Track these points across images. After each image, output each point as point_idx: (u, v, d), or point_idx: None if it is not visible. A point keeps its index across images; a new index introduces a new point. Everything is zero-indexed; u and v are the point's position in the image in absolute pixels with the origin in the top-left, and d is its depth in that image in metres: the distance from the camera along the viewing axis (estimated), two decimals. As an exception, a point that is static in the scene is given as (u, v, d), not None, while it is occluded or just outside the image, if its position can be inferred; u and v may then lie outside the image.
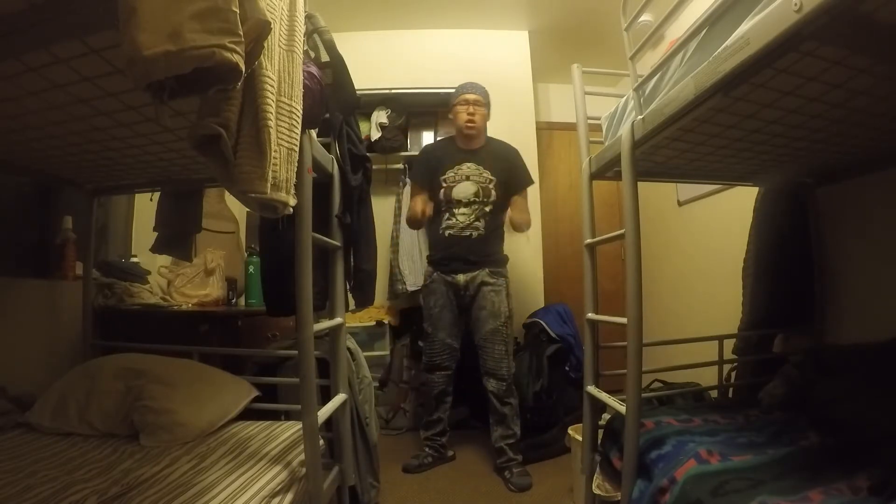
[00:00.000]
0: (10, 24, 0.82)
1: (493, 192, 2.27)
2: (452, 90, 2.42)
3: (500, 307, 2.20)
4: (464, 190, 2.25)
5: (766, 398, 1.50)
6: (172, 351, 1.65)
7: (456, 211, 2.24)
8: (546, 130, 3.51)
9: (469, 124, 2.27)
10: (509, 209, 2.32)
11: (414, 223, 2.35)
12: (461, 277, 2.23)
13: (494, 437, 2.19)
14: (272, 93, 0.89)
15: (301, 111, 1.01)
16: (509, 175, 2.30)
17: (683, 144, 1.36)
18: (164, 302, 2.20)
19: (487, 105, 2.34)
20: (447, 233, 2.25)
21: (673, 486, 1.07)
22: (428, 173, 2.31)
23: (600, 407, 1.54)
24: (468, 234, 2.23)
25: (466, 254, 2.23)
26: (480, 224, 2.24)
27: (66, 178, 1.72)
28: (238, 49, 0.69)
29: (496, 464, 2.19)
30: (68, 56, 0.90)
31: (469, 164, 2.28)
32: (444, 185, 2.26)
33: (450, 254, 2.25)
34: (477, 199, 2.24)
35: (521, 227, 2.34)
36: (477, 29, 3.17)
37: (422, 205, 2.23)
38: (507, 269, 2.32)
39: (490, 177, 2.27)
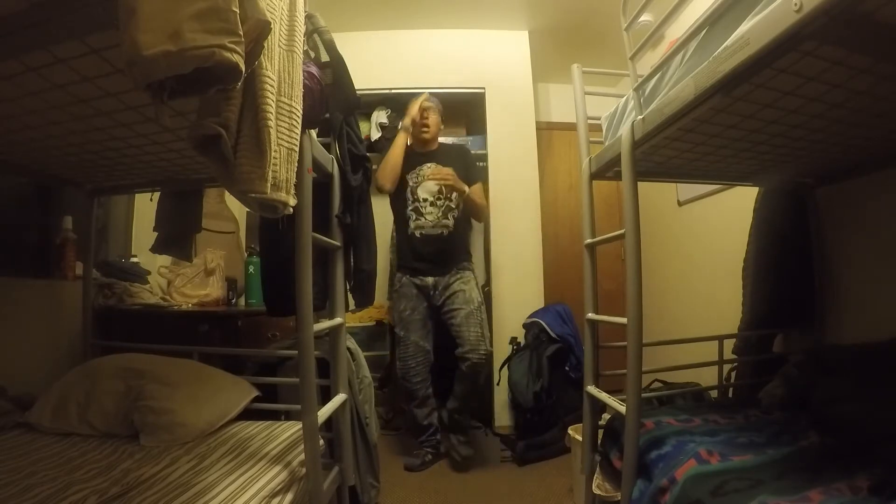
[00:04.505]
0: (10, 24, 0.82)
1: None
2: (452, 90, 2.45)
3: (470, 294, 2.28)
4: (428, 188, 2.32)
5: (766, 398, 1.50)
6: (172, 351, 1.65)
7: (423, 210, 2.30)
8: (546, 130, 3.51)
9: (423, 128, 2.36)
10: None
11: (395, 161, 2.31)
12: (430, 280, 2.30)
13: (449, 406, 2.29)
14: (272, 93, 0.89)
15: (301, 111, 1.01)
16: (464, 169, 2.37)
17: (683, 144, 1.36)
18: (164, 302, 2.20)
19: (441, 114, 2.44)
20: (418, 233, 2.30)
21: (673, 486, 1.07)
22: None
23: (600, 407, 1.54)
24: (439, 231, 2.30)
25: (436, 255, 2.30)
26: (449, 222, 2.31)
27: (66, 178, 1.72)
28: (238, 49, 0.69)
29: (448, 427, 2.31)
30: (68, 56, 0.90)
31: (429, 165, 2.35)
32: (410, 184, 2.33)
33: (420, 255, 2.30)
34: (441, 196, 2.31)
35: (476, 210, 2.41)
36: (477, 29, 3.16)
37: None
38: (472, 265, 2.41)
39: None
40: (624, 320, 1.28)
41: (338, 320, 1.50)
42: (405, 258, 2.37)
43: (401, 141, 2.31)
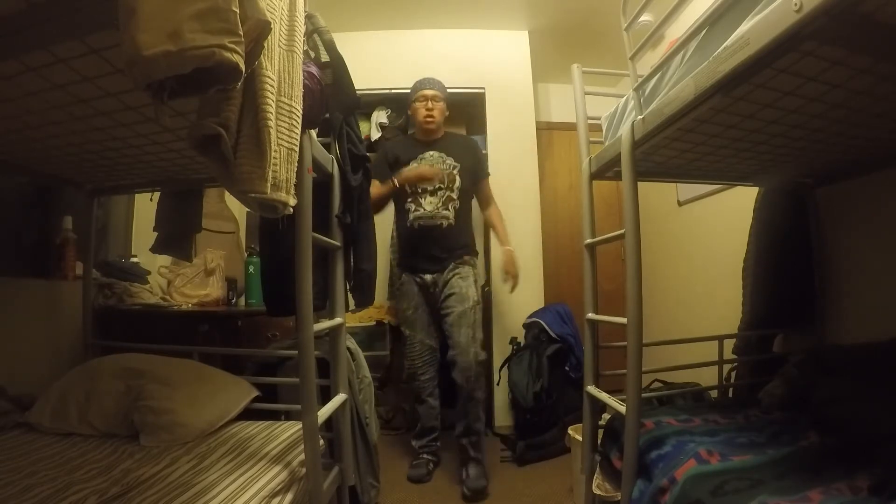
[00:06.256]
0: (10, 24, 0.82)
1: (458, 178, 2.27)
2: (452, 90, 2.44)
3: (466, 291, 2.18)
4: None
5: (766, 398, 1.50)
6: (172, 351, 1.65)
7: (422, 200, 2.23)
8: (546, 130, 3.51)
9: (428, 119, 2.29)
10: (491, 221, 2.41)
11: (375, 203, 2.17)
12: (428, 277, 2.23)
13: (456, 432, 2.13)
14: (272, 93, 0.89)
15: (301, 111, 1.01)
16: (473, 162, 2.31)
17: (683, 144, 1.36)
18: (164, 302, 2.20)
19: (445, 100, 2.37)
20: (417, 223, 2.22)
21: (673, 486, 1.07)
22: (385, 168, 2.27)
23: (600, 407, 1.54)
24: (438, 223, 2.22)
25: (434, 249, 2.22)
26: (450, 213, 2.23)
27: (66, 178, 1.72)
28: (238, 49, 0.69)
29: (459, 458, 2.16)
30: (68, 56, 0.90)
31: (431, 153, 2.30)
32: None
33: (418, 250, 2.23)
34: (442, 186, 2.24)
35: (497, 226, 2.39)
36: (477, 29, 3.16)
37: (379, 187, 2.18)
38: (475, 259, 2.32)
39: (454, 163, 2.29)
40: (624, 320, 1.28)
41: (338, 320, 1.50)
42: (405, 254, 2.31)
43: (387, 191, 2.21)
